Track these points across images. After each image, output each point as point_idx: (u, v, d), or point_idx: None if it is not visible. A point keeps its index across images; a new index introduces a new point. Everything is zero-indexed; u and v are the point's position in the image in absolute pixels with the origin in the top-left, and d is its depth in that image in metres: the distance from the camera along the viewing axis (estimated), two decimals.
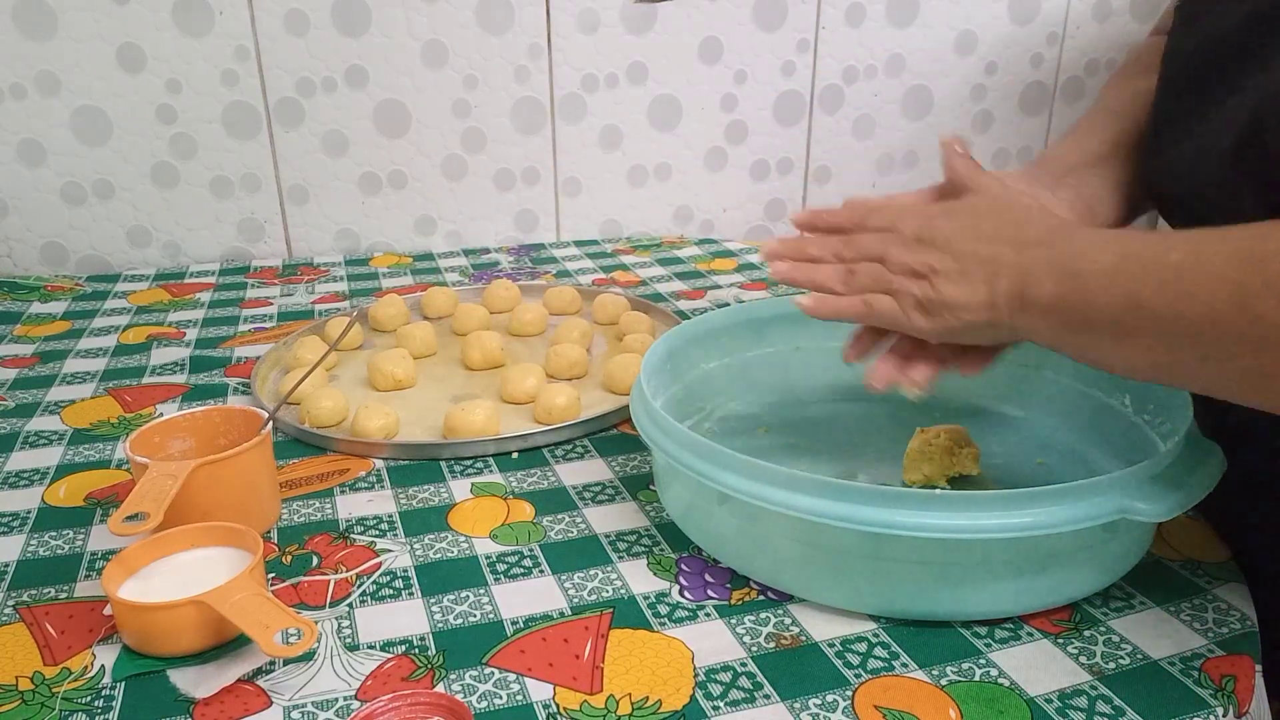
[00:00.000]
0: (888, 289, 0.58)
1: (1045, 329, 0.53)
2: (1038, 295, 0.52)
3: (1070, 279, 0.51)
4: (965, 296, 0.55)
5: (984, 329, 0.55)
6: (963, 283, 0.55)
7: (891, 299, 0.58)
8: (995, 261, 0.54)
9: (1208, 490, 0.53)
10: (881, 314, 0.58)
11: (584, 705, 0.50)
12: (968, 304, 0.55)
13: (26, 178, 1.23)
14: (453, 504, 0.69)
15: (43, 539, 0.65)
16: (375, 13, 1.26)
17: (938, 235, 0.57)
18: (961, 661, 0.52)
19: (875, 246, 0.59)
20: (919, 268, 0.57)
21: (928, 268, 0.56)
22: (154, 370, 0.93)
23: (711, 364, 0.78)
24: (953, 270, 0.56)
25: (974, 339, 0.57)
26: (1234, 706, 0.49)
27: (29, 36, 1.18)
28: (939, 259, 0.56)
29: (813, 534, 0.55)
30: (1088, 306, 0.50)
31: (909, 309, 0.57)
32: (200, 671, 0.53)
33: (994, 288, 0.54)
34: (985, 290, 0.54)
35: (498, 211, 1.40)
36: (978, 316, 0.55)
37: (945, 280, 0.56)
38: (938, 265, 0.56)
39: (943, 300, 0.56)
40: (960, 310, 0.55)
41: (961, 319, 0.55)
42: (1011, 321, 0.54)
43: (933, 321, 0.56)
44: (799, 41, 1.42)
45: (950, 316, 0.56)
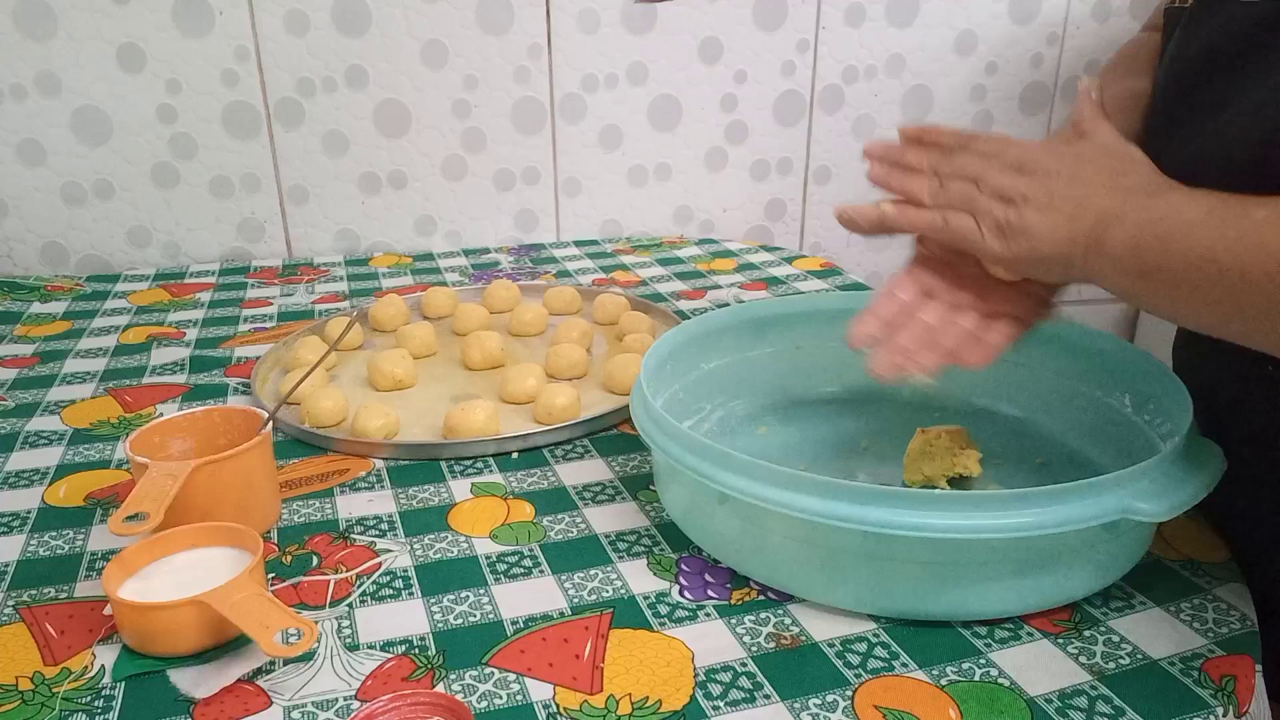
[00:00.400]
0: (972, 209, 0.59)
1: (1115, 273, 0.53)
2: (1116, 239, 0.52)
3: (1153, 226, 0.51)
4: (1046, 227, 0.55)
5: (1054, 264, 0.56)
6: (1047, 213, 0.55)
7: (972, 218, 0.58)
8: (1084, 200, 0.55)
9: (1208, 490, 0.53)
10: (958, 231, 0.59)
11: (584, 705, 0.50)
12: (1046, 235, 0.55)
13: (26, 178, 1.23)
14: (453, 504, 0.69)
15: (43, 539, 0.65)
16: (375, 13, 1.26)
17: (1038, 166, 0.57)
18: (961, 661, 0.52)
19: (974, 166, 0.60)
20: (1010, 192, 0.57)
21: (1019, 193, 0.57)
22: (154, 370, 0.93)
23: (711, 364, 0.77)
24: (1042, 199, 0.56)
25: (1041, 273, 0.58)
26: (1234, 706, 0.49)
27: (29, 36, 1.18)
28: (1032, 188, 0.57)
29: (813, 534, 0.55)
30: (1165, 257, 0.50)
31: (987, 229, 0.58)
32: (200, 671, 0.53)
33: (1075, 224, 0.54)
34: (1066, 225, 0.55)
35: (498, 211, 1.40)
36: (1052, 249, 0.55)
37: (1031, 208, 0.56)
38: (1029, 193, 0.57)
39: (1024, 226, 0.56)
40: (1036, 239, 0.56)
41: (1035, 249, 0.56)
42: (1085, 262, 0.54)
43: (1007, 245, 0.57)
44: (799, 41, 1.42)
45: (1025, 243, 0.56)
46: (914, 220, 0.61)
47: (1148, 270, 0.51)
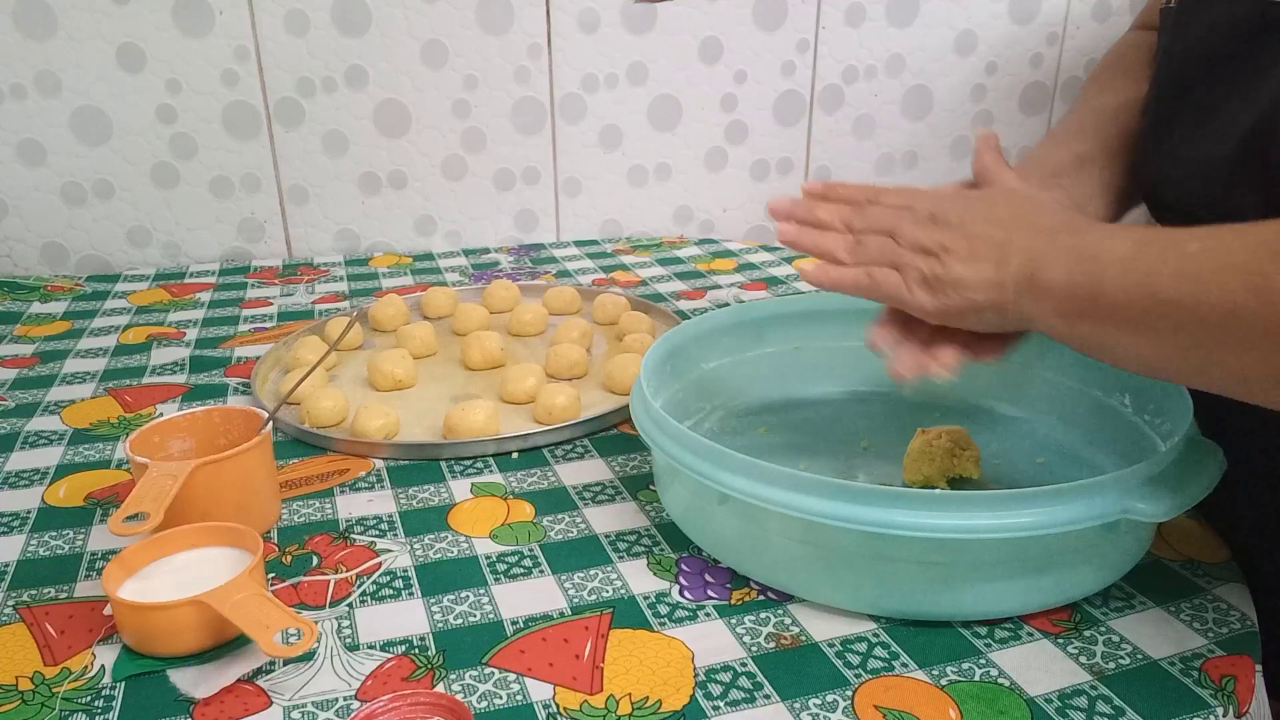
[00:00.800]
0: (895, 263, 0.58)
1: (1053, 315, 0.52)
2: (1048, 278, 0.51)
3: (1083, 263, 0.50)
4: (973, 275, 0.54)
5: (988, 311, 0.55)
6: (972, 261, 0.55)
7: (897, 273, 0.58)
8: (1007, 244, 0.54)
9: (1208, 490, 0.53)
10: (884, 287, 0.58)
11: (584, 705, 0.50)
12: (974, 283, 0.54)
13: (26, 178, 1.23)
14: (453, 504, 0.69)
15: (43, 539, 0.65)
16: (375, 13, 1.26)
17: (952, 215, 0.57)
18: (961, 661, 0.52)
19: (887, 220, 0.59)
20: (930, 245, 0.57)
21: (939, 245, 0.56)
22: (154, 370, 0.93)
23: (711, 364, 0.77)
24: (963, 249, 0.55)
25: (976, 322, 0.56)
26: (1234, 706, 0.49)
27: (29, 36, 1.18)
28: (951, 238, 0.56)
29: (813, 534, 0.55)
30: (1100, 293, 0.49)
31: (913, 284, 0.57)
32: (200, 671, 0.53)
33: (1003, 268, 0.54)
34: (993, 270, 0.54)
35: (498, 211, 1.40)
36: (983, 296, 0.54)
37: (954, 258, 0.55)
38: (949, 244, 0.56)
39: (950, 278, 0.55)
40: (966, 289, 0.55)
41: (966, 298, 0.55)
42: (1018, 305, 0.53)
43: (936, 299, 0.56)
44: (799, 41, 1.42)
45: (955, 294, 0.55)
46: (837, 279, 0.60)
47: (1085, 310, 0.50)
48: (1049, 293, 0.52)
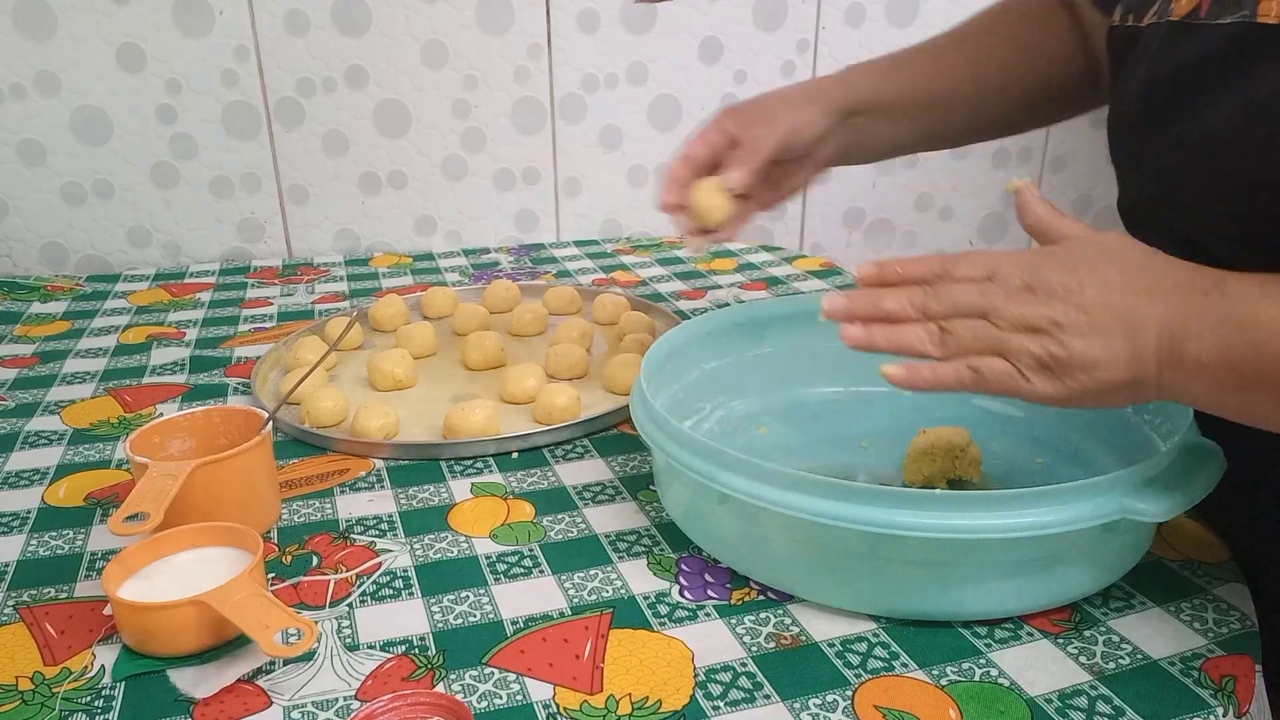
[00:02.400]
0: (997, 349, 0.50)
1: (1202, 388, 0.48)
2: (1197, 351, 0.46)
3: (1241, 333, 0.46)
4: (1102, 353, 0.48)
5: (1123, 390, 0.49)
6: (1096, 337, 0.48)
7: (1004, 361, 0.50)
8: (1133, 312, 0.48)
9: (1208, 490, 0.53)
10: (994, 380, 0.50)
11: (584, 705, 0.50)
12: (1106, 360, 0.48)
13: (26, 178, 1.23)
14: (453, 504, 0.69)
15: (43, 539, 0.65)
16: (375, 13, 1.26)
17: (1054, 283, 0.49)
18: (961, 661, 0.52)
19: (973, 298, 0.51)
20: (1037, 321, 0.49)
21: (1048, 321, 0.49)
22: (154, 370, 0.93)
23: (711, 364, 0.77)
24: (1080, 322, 0.48)
25: (1109, 402, 0.51)
26: (1234, 706, 0.49)
27: (29, 36, 1.18)
28: (1060, 310, 0.49)
29: (813, 534, 0.55)
30: (1266, 362, 0.45)
31: (1029, 371, 0.50)
32: (200, 671, 0.53)
33: (1137, 341, 0.48)
34: (1125, 345, 0.48)
35: (498, 211, 1.40)
36: (1118, 375, 0.48)
37: (1073, 334, 0.48)
38: (1060, 318, 0.49)
39: (1073, 358, 0.48)
40: (1097, 369, 0.48)
41: (1099, 379, 0.49)
42: (1159, 381, 0.48)
43: (1061, 384, 0.49)
44: (799, 41, 1.42)
45: (1084, 377, 0.49)
46: (933, 379, 0.52)
47: (1247, 382, 0.46)
48: (1201, 368, 0.47)
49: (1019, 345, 0.49)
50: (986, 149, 1.57)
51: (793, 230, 1.54)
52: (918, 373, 0.52)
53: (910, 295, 0.53)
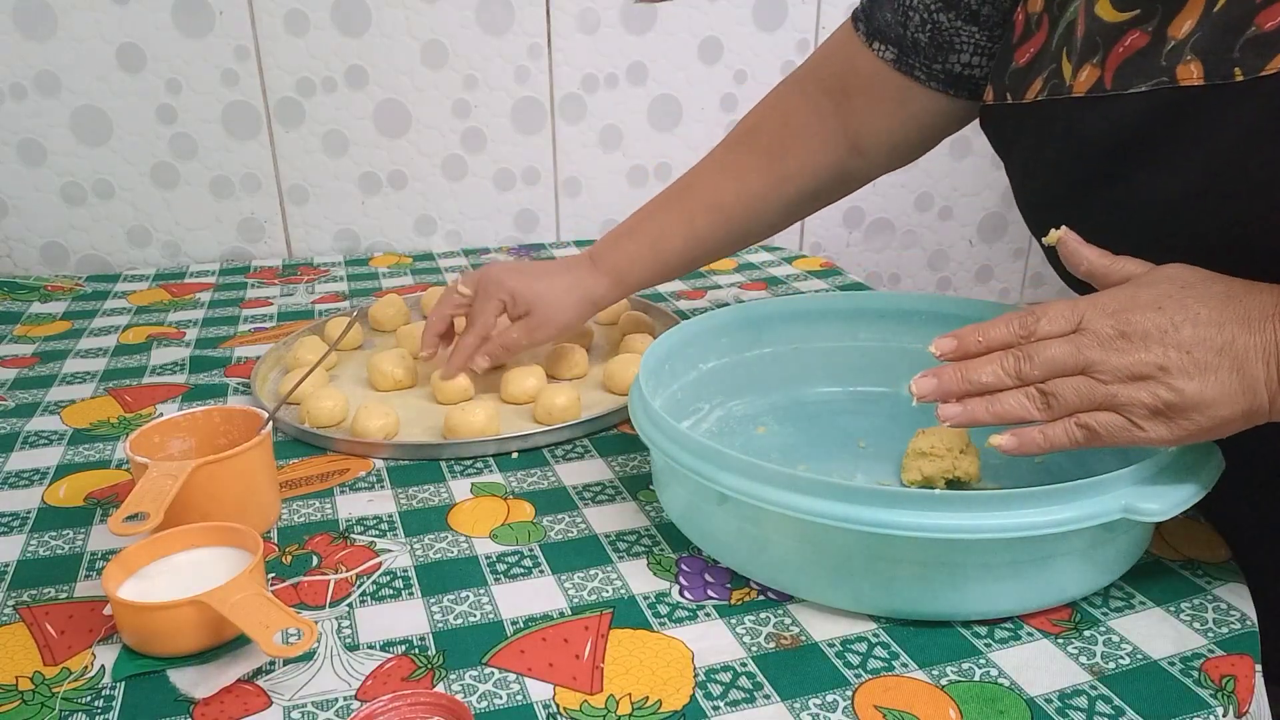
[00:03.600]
0: (1105, 403, 0.50)
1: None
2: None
3: None
4: (1213, 391, 0.48)
5: (1239, 421, 0.49)
6: (1204, 375, 0.48)
7: (1113, 414, 0.50)
8: (1232, 344, 0.48)
9: (1207, 490, 0.53)
10: (1110, 435, 0.50)
11: (584, 705, 0.50)
12: (1217, 399, 0.48)
13: (26, 178, 1.23)
14: (453, 504, 0.69)
15: (43, 539, 0.65)
16: (375, 13, 1.26)
17: (1148, 327, 0.49)
18: (961, 661, 0.52)
19: (1068, 355, 0.50)
20: (1140, 369, 0.49)
21: (1152, 367, 0.48)
22: (154, 370, 0.93)
23: (711, 364, 0.77)
24: (1185, 363, 0.48)
25: (1224, 434, 0.51)
26: (1234, 706, 0.49)
27: (29, 36, 1.18)
28: (1161, 354, 0.48)
29: (812, 534, 0.55)
30: None
31: (1143, 420, 0.49)
32: (200, 671, 0.53)
33: (1246, 374, 0.48)
34: (1237, 380, 0.48)
35: (498, 211, 1.40)
36: (1234, 410, 0.48)
37: (1180, 376, 0.48)
38: (1164, 361, 0.48)
39: (1186, 400, 0.48)
40: (1212, 408, 0.48)
41: (1215, 416, 0.48)
42: (1273, 406, 0.48)
43: (1176, 427, 0.49)
44: (799, 41, 1.42)
45: (1200, 418, 0.49)
46: (1051, 441, 0.51)
47: None
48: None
49: (1128, 397, 0.49)
50: (986, 148, 1.56)
51: (793, 230, 1.54)
52: (1029, 440, 0.52)
53: (1002, 363, 0.52)
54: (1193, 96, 0.54)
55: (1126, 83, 0.57)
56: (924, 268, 1.64)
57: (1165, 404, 0.49)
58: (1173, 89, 0.55)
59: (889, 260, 1.61)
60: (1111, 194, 0.59)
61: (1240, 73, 0.52)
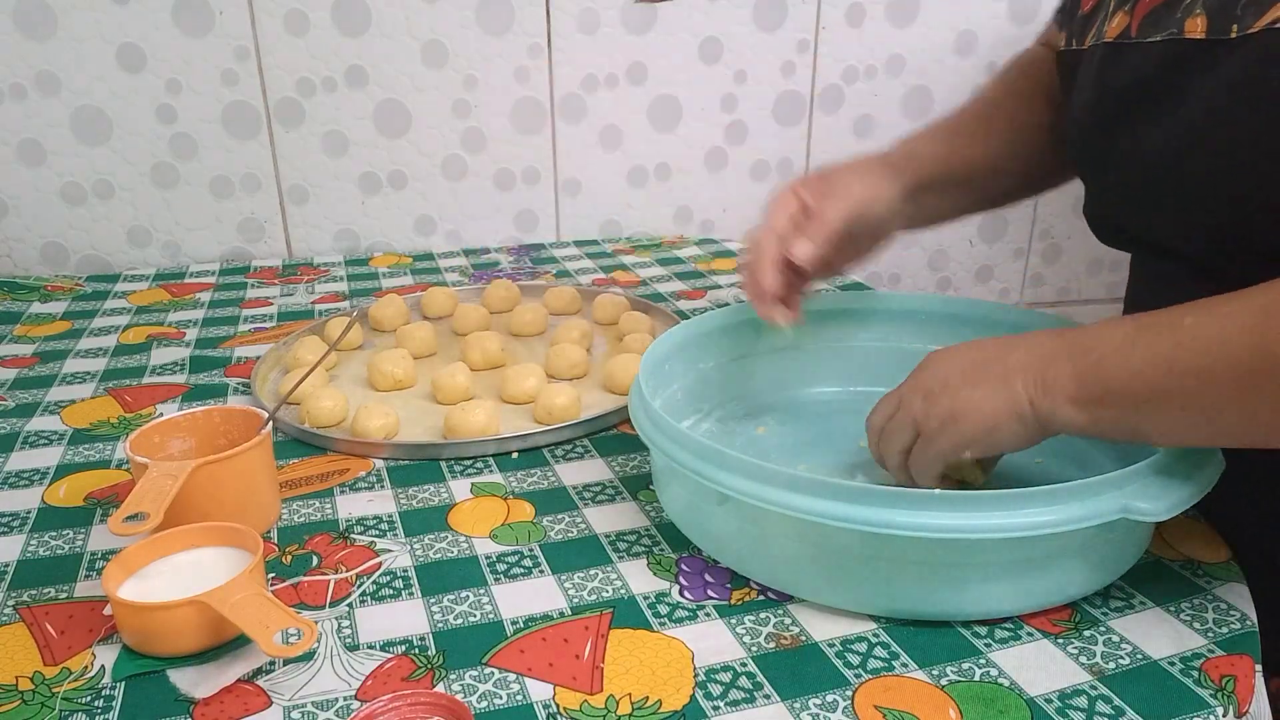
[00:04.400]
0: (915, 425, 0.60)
1: (1072, 408, 0.53)
2: (1055, 373, 0.53)
3: (1084, 355, 0.53)
4: (982, 396, 0.56)
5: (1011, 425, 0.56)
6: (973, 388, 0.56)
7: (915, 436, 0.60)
8: (997, 363, 0.56)
9: (1207, 490, 0.53)
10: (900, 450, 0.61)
11: (584, 705, 0.50)
12: (984, 402, 0.56)
13: (26, 178, 1.23)
14: (453, 504, 0.69)
15: (43, 539, 0.65)
16: (375, 13, 1.26)
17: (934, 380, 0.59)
18: (961, 661, 0.52)
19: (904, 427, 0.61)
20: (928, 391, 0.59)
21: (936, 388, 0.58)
22: (154, 370, 0.93)
23: (711, 364, 0.77)
24: (958, 382, 0.57)
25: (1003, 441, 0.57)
26: (1234, 706, 0.49)
27: (29, 36, 1.18)
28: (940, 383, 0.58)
29: (812, 534, 0.55)
30: (1109, 377, 0.52)
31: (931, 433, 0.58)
32: (200, 671, 0.53)
33: (1008, 383, 0.55)
34: (1001, 388, 0.55)
35: (498, 211, 1.40)
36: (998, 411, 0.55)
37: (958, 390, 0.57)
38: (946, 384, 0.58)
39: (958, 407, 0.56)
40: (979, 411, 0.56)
41: (986, 419, 0.56)
42: (1035, 411, 0.54)
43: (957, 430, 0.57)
44: (799, 41, 1.42)
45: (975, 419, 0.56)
46: None
47: (1096, 396, 0.52)
48: (1060, 387, 0.53)
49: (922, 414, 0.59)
50: None
51: None
52: None
53: None
54: (1194, 49, 0.56)
55: (1147, 32, 0.60)
56: (924, 268, 1.64)
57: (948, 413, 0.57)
58: (1179, 41, 0.57)
59: (889, 260, 1.61)
60: (1120, 144, 0.62)
61: (1236, 29, 0.54)
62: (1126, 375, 0.51)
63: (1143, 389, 0.51)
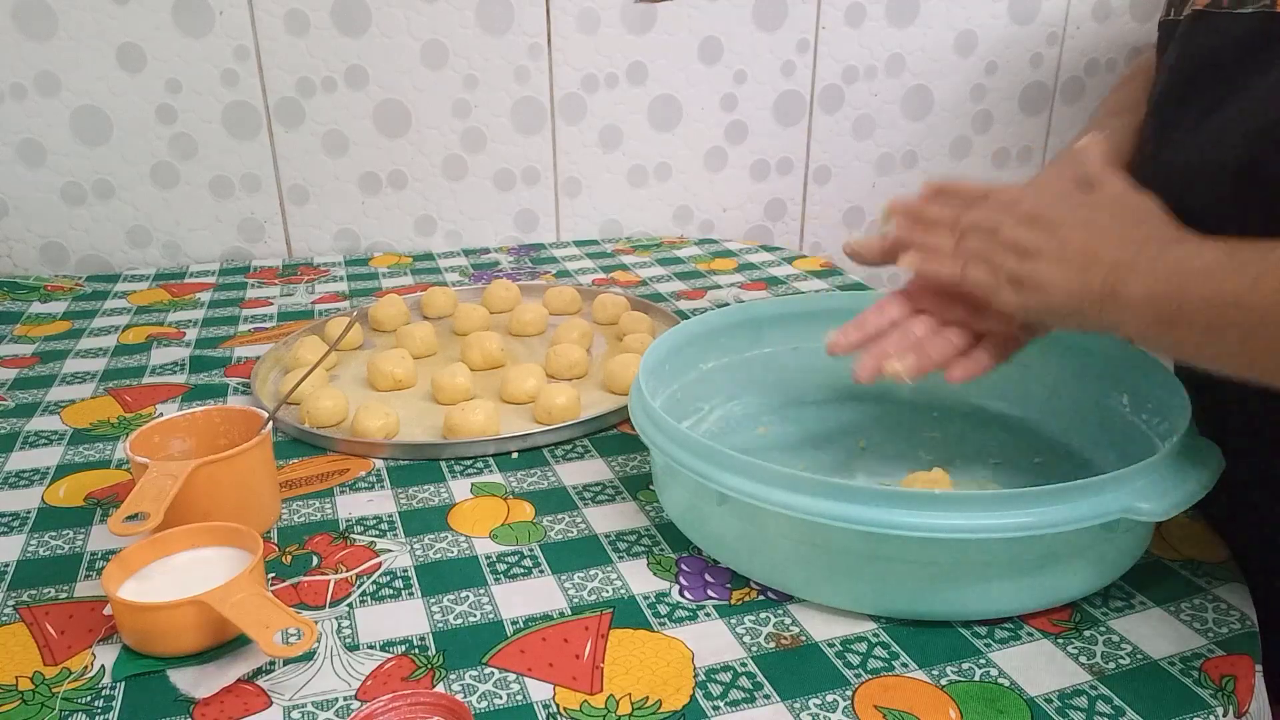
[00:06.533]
0: (989, 260, 0.58)
1: (1135, 323, 0.53)
2: (1129, 293, 0.52)
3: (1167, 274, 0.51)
4: (1058, 279, 0.55)
5: (1066, 314, 0.56)
6: (1059, 266, 0.55)
7: (989, 269, 0.58)
8: (1096, 252, 0.54)
9: (1207, 490, 0.53)
10: (975, 282, 0.59)
11: (584, 705, 0.50)
12: (1058, 287, 0.55)
13: (26, 178, 1.23)
14: (453, 504, 0.69)
15: (43, 539, 0.65)
16: (375, 13, 1.26)
17: (1051, 218, 0.57)
18: (961, 661, 0.52)
19: (990, 218, 0.60)
20: (1025, 244, 0.57)
21: (1033, 246, 0.56)
22: (154, 370, 0.93)
23: (711, 364, 0.78)
24: (1054, 252, 0.55)
25: (1056, 322, 0.58)
26: (1234, 706, 0.49)
27: (29, 36, 1.18)
28: (1045, 239, 0.56)
29: (812, 534, 0.55)
30: (1182, 301, 0.50)
31: (1002, 281, 0.57)
32: (200, 671, 0.53)
33: (1087, 278, 0.54)
34: (1078, 278, 0.54)
35: (498, 211, 1.40)
36: (1063, 302, 0.55)
37: (1044, 261, 0.55)
38: (1042, 246, 0.56)
39: (1036, 279, 0.56)
40: (1048, 292, 0.55)
41: (1046, 301, 0.55)
42: (1100, 315, 0.54)
43: (1020, 297, 0.57)
44: (799, 41, 1.42)
45: (1037, 296, 0.56)
46: (935, 270, 0.62)
47: (1168, 318, 0.51)
48: (1132, 303, 0.52)
49: (1002, 260, 0.58)
50: (987, 148, 1.57)
51: (793, 230, 1.54)
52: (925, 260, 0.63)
53: (950, 207, 0.63)
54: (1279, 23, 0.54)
55: (1239, 2, 0.58)
56: None
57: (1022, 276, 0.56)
58: (1268, 14, 0.56)
59: None
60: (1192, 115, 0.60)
61: None
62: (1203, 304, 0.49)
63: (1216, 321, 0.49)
